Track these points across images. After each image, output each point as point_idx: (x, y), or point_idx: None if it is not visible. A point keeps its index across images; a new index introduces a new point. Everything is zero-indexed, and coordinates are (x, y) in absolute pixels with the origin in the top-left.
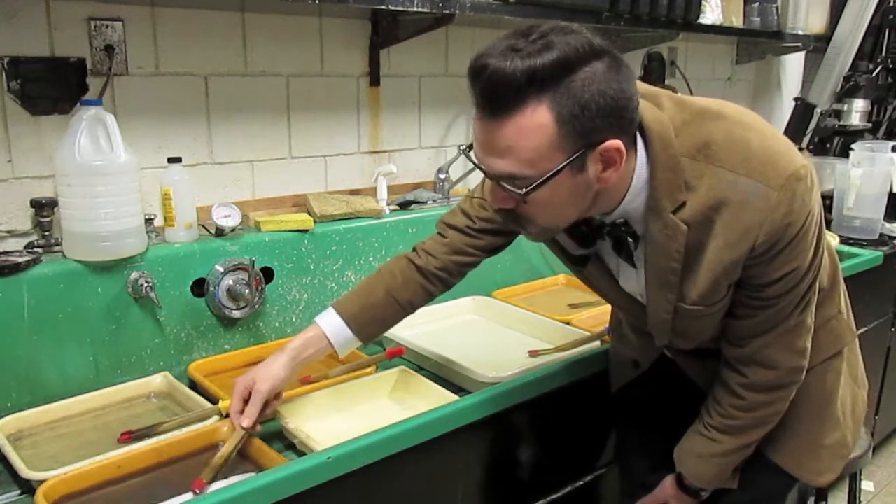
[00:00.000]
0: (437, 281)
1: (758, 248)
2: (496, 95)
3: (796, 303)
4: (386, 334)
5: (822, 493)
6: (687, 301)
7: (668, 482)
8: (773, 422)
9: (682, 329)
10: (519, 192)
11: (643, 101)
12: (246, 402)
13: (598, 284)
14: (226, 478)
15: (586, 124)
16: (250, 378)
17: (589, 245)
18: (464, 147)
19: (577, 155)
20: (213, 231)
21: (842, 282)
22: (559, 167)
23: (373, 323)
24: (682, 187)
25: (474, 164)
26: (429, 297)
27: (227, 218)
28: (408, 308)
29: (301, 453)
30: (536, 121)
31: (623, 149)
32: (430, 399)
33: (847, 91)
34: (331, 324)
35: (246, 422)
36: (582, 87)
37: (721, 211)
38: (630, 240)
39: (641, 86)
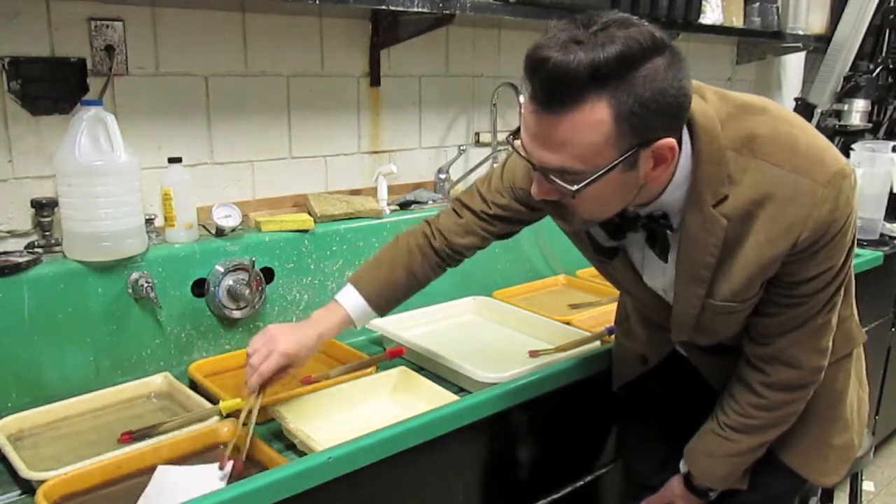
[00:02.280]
0: (450, 259)
1: (800, 245)
2: (557, 89)
3: (825, 301)
4: (385, 334)
5: (827, 494)
6: (717, 297)
7: (676, 482)
8: (790, 422)
9: (705, 325)
10: (570, 188)
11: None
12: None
13: (621, 278)
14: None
15: (644, 122)
16: (296, 356)
17: (619, 237)
18: (507, 135)
19: (630, 153)
20: (213, 231)
21: (854, 283)
22: (612, 164)
23: (391, 300)
24: (725, 181)
25: (518, 153)
26: (442, 272)
27: (227, 218)
28: (424, 283)
29: (301, 453)
30: (595, 117)
31: (676, 147)
32: (430, 399)
33: (847, 91)
34: (354, 306)
35: (256, 378)
36: (643, 84)
37: (765, 206)
38: (669, 232)
39: None
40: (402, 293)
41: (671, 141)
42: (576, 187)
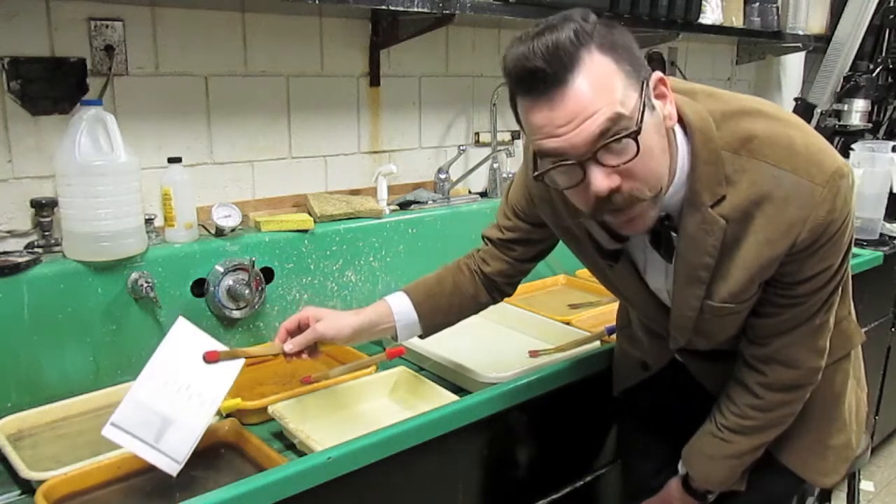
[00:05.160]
0: (489, 287)
1: (798, 245)
2: (555, 62)
3: (823, 301)
4: None
5: (825, 495)
6: (715, 298)
7: (674, 485)
8: (787, 423)
9: (703, 328)
10: (632, 129)
11: (680, 96)
12: (299, 331)
13: (623, 283)
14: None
15: (631, 59)
16: (317, 314)
17: (623, 238)
18: (534, 175)
19: (644, 88)
20: (213, 231)
21: (850, 283)
22: (641, 101)
23: (438, 311)
24: (722, 181)
25: (553, 180)
26: (492, 299)
27: (227, 218)
28: (471, 301)
29: (301, 453)
30: (600, 64)
31: (664, 77)
32: (430, 399)
33: (847, 91)
34: (399, 305)
35: (290, 346)
36: (609, 34)
37: (763, 206)
38: (674, 234)
39: (675, 81)
40: (446, 305)
41: (657, 73)
42: (635, 127)
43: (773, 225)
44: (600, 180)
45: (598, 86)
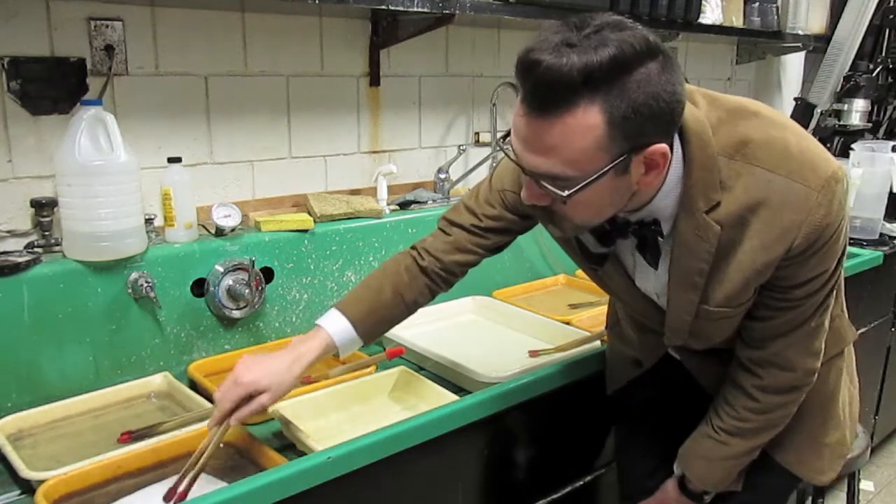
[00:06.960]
0: (440, 281)
1: (794, 250)
2: (548, 93)
3: (818, 304)
4: (386, 334)
5: (819, 492)
6: (711, 303)
7: (670, 486)
8: (783, 424)
9: (700, 330)
10: (561, 193)
11: None
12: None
13: (613, 284)
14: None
15: (636, 128)
16: (257, 383)
17: (609, 243)
18: (498, 138)
19: (622, 158)
20: (213, 231)
21: (843, 283)
22: (603, 170)
23: (380, 324)
24: (717, 187)
25: (509, 157)
26: (432, 297)
27: (227, 218)
28: (412, 307)
29: (301, 453)
30: (587, 122)
31: (668, 153)
32: (430, 399)
33: (847, 91)
34: (338, 329)
35: (234, 421)
36: (637, 89)
37: (758, 211)
38: (660, 239)
39: None
40: (389, 317)
41: (663, 147)
42: (567, 193)
43: (768, 230)
44: (527, 193)
45: (567, 141)
